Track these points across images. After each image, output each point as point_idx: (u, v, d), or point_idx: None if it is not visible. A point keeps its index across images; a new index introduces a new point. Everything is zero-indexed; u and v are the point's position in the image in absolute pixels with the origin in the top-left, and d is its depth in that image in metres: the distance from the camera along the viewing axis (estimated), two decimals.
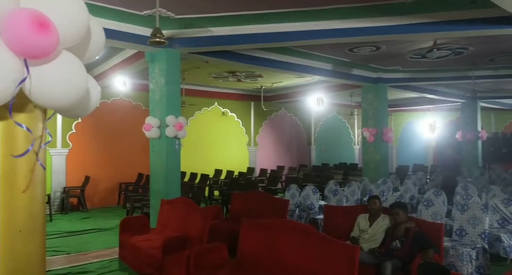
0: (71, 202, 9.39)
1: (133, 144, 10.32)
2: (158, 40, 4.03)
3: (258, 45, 6.29)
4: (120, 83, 8.84)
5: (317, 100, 11.27)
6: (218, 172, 11.69)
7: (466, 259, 4.39)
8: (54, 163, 9.41)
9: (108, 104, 10.19)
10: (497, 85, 11.13)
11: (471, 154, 12.87)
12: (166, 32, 4.89)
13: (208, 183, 10.12)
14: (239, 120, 13.07)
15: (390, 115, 15.92)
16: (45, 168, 1.97)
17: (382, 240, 4.19)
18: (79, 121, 9.76)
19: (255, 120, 13.48)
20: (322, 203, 7.17)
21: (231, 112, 12.83)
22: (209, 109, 12.29)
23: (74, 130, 9.76)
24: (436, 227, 4.11)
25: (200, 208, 5.13)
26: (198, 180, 10.23)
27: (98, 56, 2.14)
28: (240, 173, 11.37)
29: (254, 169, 12.60)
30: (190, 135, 8.30)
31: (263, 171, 12.42)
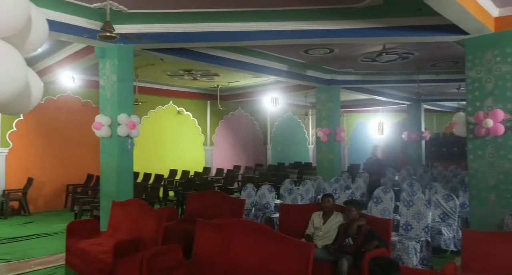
0: (12, 206, 8.76)
1: (82, 143, 9.80)
2: (108, 34, 3.86)
3: (214, 43, 6.24)
4: (67, 79, 8.36)
5: (273, 100, 11.41)
6: (173, 172, 11.44)
7: (412, 252, 4.65)
8: None
9: (54, 101, 9.60)
10: (438, 88, 11.97)
11: (416, 153, 13.74)
12: (118, 26, 4.69)
13: (162, 183, 9.89)
14: (195, 119, 12.89)
15: (343, 116, 16.52)
16: None
17: (335, 236, 4.33)
18: (21, 118, 9.10)
19: (211, 119, 13.36)
20: (278, 202, 7.27)
21: (187, 111, 12.62)
22: (163, 107, 11.99)
23: (15, 129, 9.09)
24: (384, 222, 4.32)
25: (154, 209, 5.00)
26: (152, 181, 9.96)
27: (40, 48, 1.99)
28: (196, 173, 11.22)
29: (210, 169, 12.49)
30: (144, 135, 8.03)
31: (220, 170, 12.35)
